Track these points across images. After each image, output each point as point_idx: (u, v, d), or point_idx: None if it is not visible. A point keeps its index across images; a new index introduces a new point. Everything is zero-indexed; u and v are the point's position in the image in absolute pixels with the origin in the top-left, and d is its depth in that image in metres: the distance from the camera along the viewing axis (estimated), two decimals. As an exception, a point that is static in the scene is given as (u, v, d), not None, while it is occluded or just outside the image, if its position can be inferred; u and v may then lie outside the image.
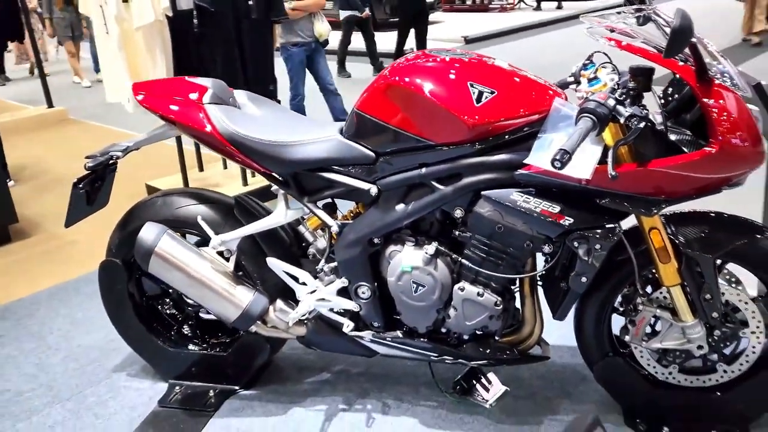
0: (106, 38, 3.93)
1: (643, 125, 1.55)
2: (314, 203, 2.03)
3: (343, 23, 8.58)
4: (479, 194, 1.81)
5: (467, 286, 1.90)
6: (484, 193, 1.79)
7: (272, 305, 2.14)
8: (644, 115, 1.57)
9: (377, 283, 2.02)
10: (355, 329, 2.08)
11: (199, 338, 2.40)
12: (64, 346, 2.70)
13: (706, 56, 1.62)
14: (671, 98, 1.78)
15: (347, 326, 2.08)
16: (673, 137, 1.67)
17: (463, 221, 1.87)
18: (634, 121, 1.55)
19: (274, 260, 2.06)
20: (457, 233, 1.89)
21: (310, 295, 2.08)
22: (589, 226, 1.75)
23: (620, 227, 1.78)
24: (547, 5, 14.88)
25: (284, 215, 2.07)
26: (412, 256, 1.92)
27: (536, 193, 1.75)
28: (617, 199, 1.70)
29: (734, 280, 1.88)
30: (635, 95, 1.64)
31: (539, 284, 2.02)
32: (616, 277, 1.89)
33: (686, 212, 1.87)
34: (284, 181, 2.03)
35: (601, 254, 1.76)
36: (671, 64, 1.60)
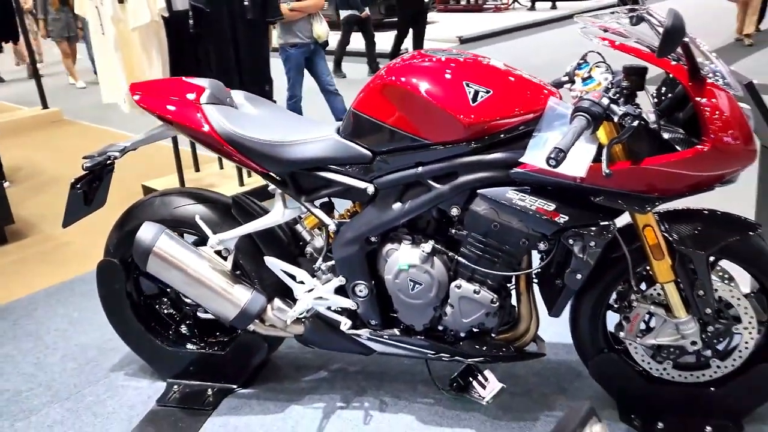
0: (102, 39, 3.93)
1: (636, 124, 1.57)
2: (311, 202, 2.04)
3: (342, 23, 8.50)
4: (475, 193, 1.82)
5: (464, 283, 1.92)
6: (480, 191, 1.81)
7: (270, 304, 2.15)
8: (638, 113, 1.59)
9: (374, 281, 2.03)
10: (352, 327, 2.10)
11: (197, 337, 2.40)
12: (62, 345, 2.71)
13: (698, 56, 1.64)
14: (664, 97, 1.81)
15: (345, 324, 2.09)
16: (666, 135, 1.69)
17: (459, 219, 1.89)
18: (627, 119, 1.57)
19: (271, 259, 2.07)
20: (453, 231, 1.91)
21: (307, 293, 2.09)
22: (583, 223, 1.77)
23: (614, 225, 1.79)
24: (541, 5, 14.94)
25: (282, 214, 2.08)
26: (408, 254, 1.93)
27: (532, 191, 1.76)
28: (611, 196, 1.71)
29: (727, 276, 1.91)
30: (629, 94, 1.66)
31: (535, 281, 2.04)
32: (610, 274, 1.91)
33: (680, 210, 1.89)
34: (282, 180, 2.04)
35: (595, 251, 1.78)
36: (664, 63, 1.62)
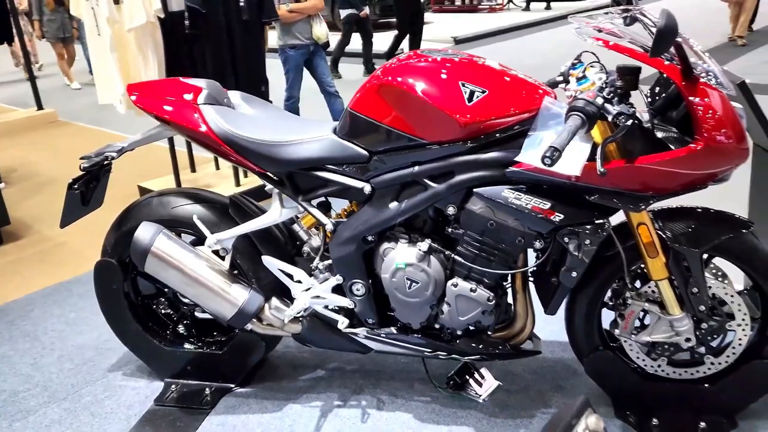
0: (98, 40, 3.93)
1: (630, 123, 1.59)
2: (308, 202, 2.05)
3: (343, 23, 8.48)
4: (471, 192, 1.83)
5: (460, 282, 1.93)
6: (476, 190, 1.82)
7: (267, 303, 2.16)
8: (632, 113, 1.61)
9: (371, 280, 2.04)
10: (349, 326, 2.11)
11: (194, 337, 2.41)
12: (58, 346, 2.71)
13: (691, 55, 1.65)
14: (658, 96, 1.82)
15: (342, 323, 2.10)
16: (659, 134, 1.71)
17: (455, 218, 1.90)
18: (621, 118, 1.58)
19: (269, 258, 2.08)
20: (449, 230, 1.92)
21: (305, 292, 2.10)
22: (578, 222, 1.78)
23: (609, 223, 1.81)
24: (535, 6, 14.97)
25: (279, 214, 2.09)
26: (405, 253, 1.95)
27: (527, 190, 1.78)
28: (606, 195, 1.73)
29: (720, 273, 1.93)
30: (623, 94, 1.67)
31: (530, 280, 2.05)
32: (605, 271, 1.93)
33: (673, 208, 1.91)
34: (279, 180, 2.05)
35: (590, 249, 1.80)
36: (657, 63, 1.64)
